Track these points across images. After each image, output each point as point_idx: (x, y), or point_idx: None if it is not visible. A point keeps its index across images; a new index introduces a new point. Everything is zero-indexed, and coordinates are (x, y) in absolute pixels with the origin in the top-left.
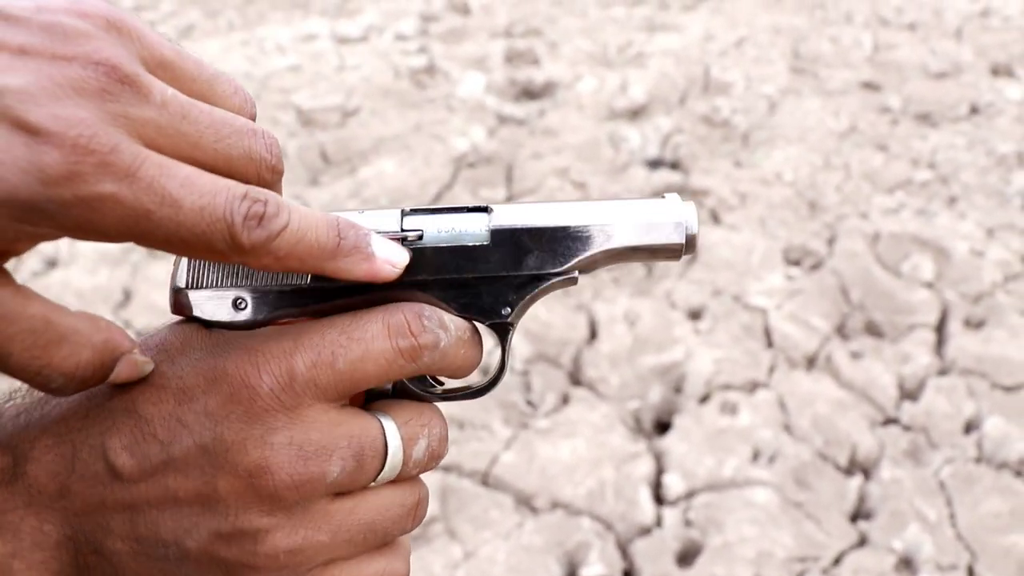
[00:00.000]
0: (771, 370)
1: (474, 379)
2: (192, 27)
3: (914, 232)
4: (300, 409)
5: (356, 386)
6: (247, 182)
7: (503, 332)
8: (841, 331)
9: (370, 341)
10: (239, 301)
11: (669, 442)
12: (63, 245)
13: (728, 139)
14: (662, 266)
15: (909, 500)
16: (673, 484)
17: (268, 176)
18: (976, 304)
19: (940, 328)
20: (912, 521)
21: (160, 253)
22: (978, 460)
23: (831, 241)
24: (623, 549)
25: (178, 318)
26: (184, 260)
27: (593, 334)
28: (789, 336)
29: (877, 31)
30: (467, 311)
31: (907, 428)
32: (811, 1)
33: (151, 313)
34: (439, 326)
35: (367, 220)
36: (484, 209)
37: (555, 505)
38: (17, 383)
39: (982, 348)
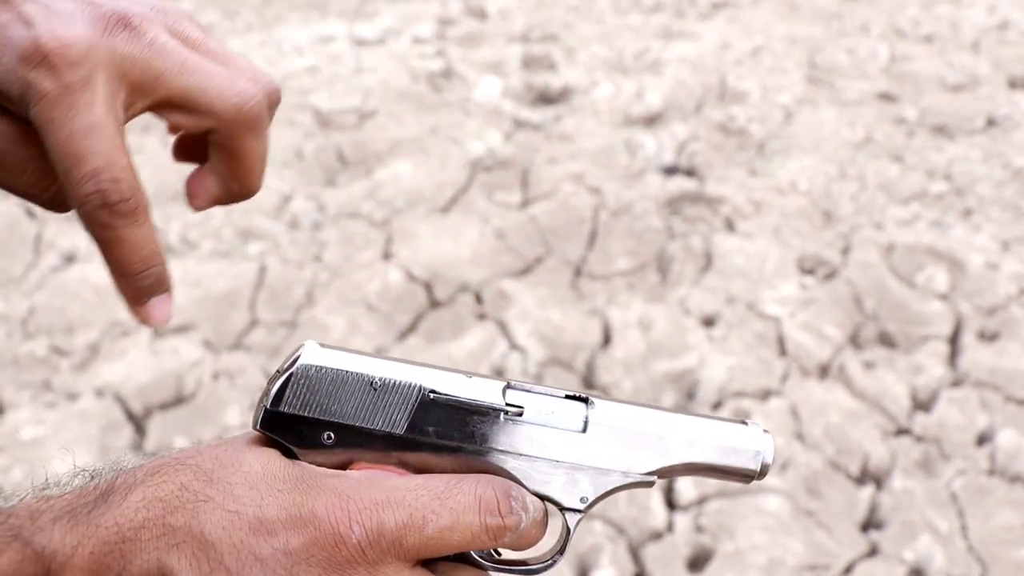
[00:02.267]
0: (784, 378)
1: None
2: (210, 27)
3: (929, 244)
4: (380, 566)
5: (437, 552)
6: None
7: (572, 519)
8: (854, 341)
9: (461, 513)
10: (327, 435)
11: None
12: (81, 242)
13: (743, 147)
14: (676, 272)
15: (920, 511)
16: (685, 490)
17: None
18: (990, 317)
19: (954, 340)
20: (923, 532)
21: (176, 250)
22: (991, 472)
23: (845, 251)
24: (634, 553)
25: (247, 433)
26: (282, 379)
27: (607, 339)
28: (802, 345)
29: (894, 43)
30: (545, 490)
31: (919, 439)
32: (828, 11)
33: None
34: (523, 508)
35: (473, 387)
36: (584, 400)
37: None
38: (54, 476)
39: (996, 361)
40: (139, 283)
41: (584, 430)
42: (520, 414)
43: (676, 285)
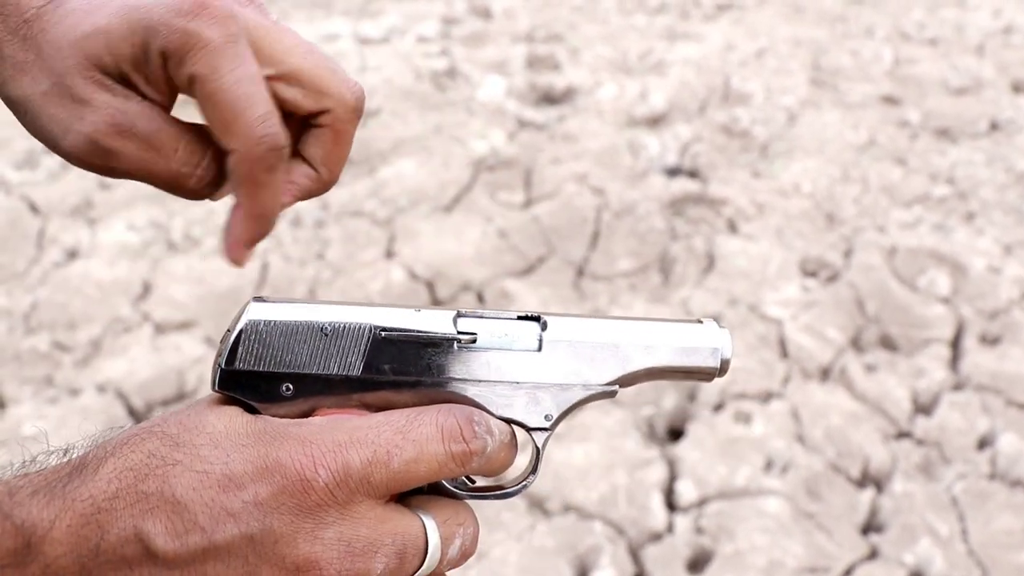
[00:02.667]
0: (785, 380)
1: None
2: None
3: (931, 247)
4: (351, 505)
5: (406, 485)
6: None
7: (541, 438)
8: (856, 344)
9: (424, 443)
10: (286, 387)
11: (682, 449)
12: (84, 237)
13: (747, 149)
14: (678, 273)
15: (921, 514)
16: (685, 491)
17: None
18: (992, 320)
19: (955, 343)
20: (923, 535)
21: (179, 247)
22: (991, 476)
23: (848, 254)
24: (634, 554)
25: (209, 395)
26: (233, 337)
27: None
28: (804, 347)
29: (898, 45)
30: (508, 414)
31: (920, 442)
32: (832, 14)
33: (170, 306)
34: (487, 431)
35: (424, 319)
36: (536, 319)
37: (567, 509)
38: (29, 455)
39: (997, 365)
40: (264, 227)
41: (540, 349)
42: (474, 341)
43: (678, 286)
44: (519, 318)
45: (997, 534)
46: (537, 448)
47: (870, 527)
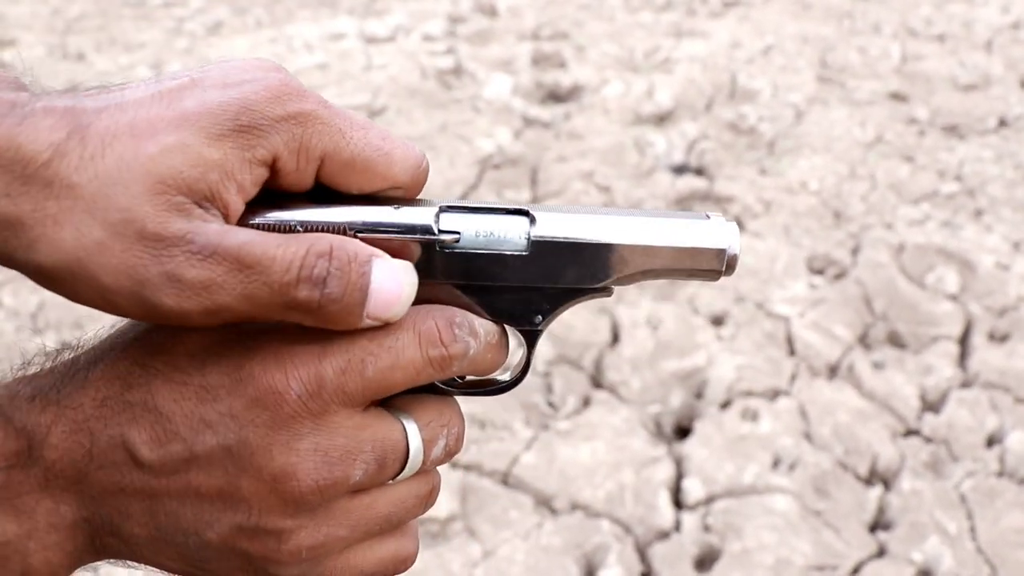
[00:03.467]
0: (793, 378)
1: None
2: (220, 24)
3: (939, 244)
4: (326, 415)
5: (383, 393)
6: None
7: (531, 337)
8: (864, 341)
9: (400, 350)
10: None
11: (689, 447)
12: None
13: (754, 147)
14: None
15: (929, 512)
16: (693, 489)
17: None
18: (1001, 318)
19: (964, 341)
20: (932, 533)
21: None
22: (1000, 474)
23: (855, 251)
24: (641, 552)
25: None
26: None
27: (615, 337)
28: (811, 345)
29: (906, 42)
30: (498, 315)
31: (928, 440)
32: (839, 10)
33: None
34: (470, 333)
35: (403, 216)
36: (526, 213)
37: (574, 507)
38: (31, 353)
39: (1006, 362)
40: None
41: (528, 248)
42: (457, 240)
43: (684, 284)
44: (507, 212)
45: (1006, 532)
46: (528, 348)
47: (878, 525)
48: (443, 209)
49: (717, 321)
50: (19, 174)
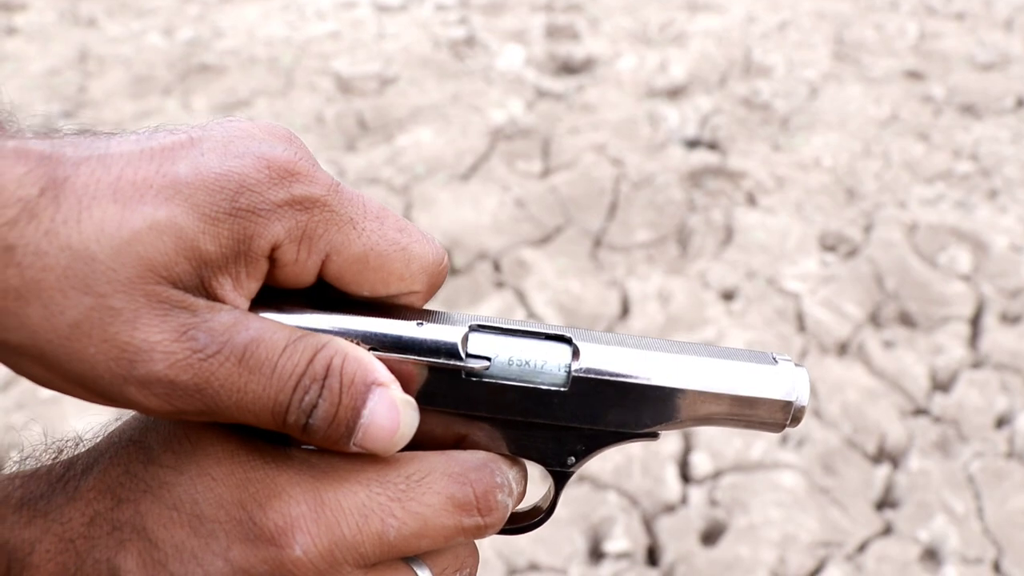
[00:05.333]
0: (803, 355)
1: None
2: None
3: (953, 224)
4: (335, 574)
5: (402, 555)
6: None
7: (560, 479)
8: (874, 319)
9: (430, 516)
10: None
11: None
12: None
13: (767, 122)
14: (696, 245)
15: (936, 492)
16: (700, 463)
17: None
18: (1013, 299)
19: (975, 321)
20: (939, 513)
21: None
22: (1009, 455)
23: (868, 229)
24: (648, 525)
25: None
26: None
27: (625, 310)
28: (822, 322)
29: (923, 20)
30: (525, 452)
31: (937, 420)
32: None
33: None
34: (508, 495)
35: (427, 333)
36: (568, 341)
37: (582, 478)
38: (29, 447)
39: (1017, 343)
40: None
41: (567, 383)
42: (487, 368)
43: (696, 258)
44: (546, 337)
45: (1013, 513)
46: (556, 490)
47: (885, 503)
48: (473, 328)
49: (728, 296)
50: None
